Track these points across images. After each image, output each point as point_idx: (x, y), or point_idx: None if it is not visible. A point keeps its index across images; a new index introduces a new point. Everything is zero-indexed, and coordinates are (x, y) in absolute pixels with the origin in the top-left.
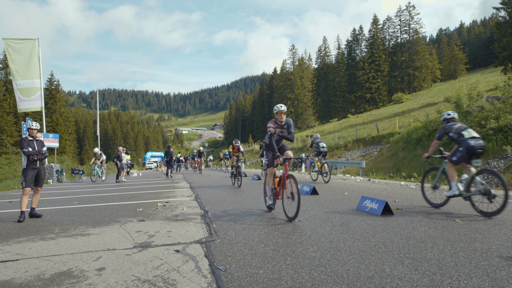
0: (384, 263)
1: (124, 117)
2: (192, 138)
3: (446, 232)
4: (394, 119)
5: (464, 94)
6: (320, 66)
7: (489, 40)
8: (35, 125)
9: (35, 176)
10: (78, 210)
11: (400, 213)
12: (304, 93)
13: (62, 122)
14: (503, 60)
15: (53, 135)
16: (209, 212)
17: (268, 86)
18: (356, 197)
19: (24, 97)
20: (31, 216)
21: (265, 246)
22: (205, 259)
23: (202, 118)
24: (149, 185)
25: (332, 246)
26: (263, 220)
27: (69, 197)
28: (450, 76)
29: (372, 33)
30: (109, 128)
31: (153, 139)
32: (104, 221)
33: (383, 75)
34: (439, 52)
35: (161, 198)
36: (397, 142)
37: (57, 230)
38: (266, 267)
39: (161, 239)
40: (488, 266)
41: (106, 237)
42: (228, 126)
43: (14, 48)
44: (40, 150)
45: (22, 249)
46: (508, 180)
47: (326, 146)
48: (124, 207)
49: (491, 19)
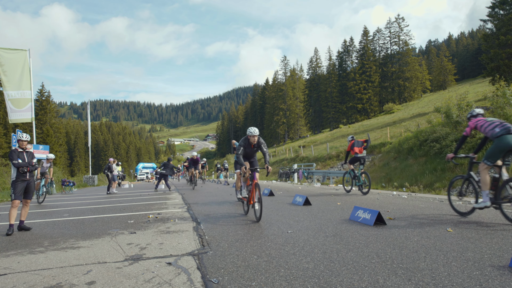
0: (377, 274)
1: (115, 128)
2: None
3: (438, 241)
4: (386, 129)
5: (454, 104)
6: (311, 77)
7: (477, 51)
8: (25, 137)
9: (25, 188)
10: (68, 222)
11: (393, 223)
12: (296, 103)
13: (53, 134)
14: (491, 71)
15: (44, 146)
16: (201, 223)
17: (260, 96)
18: (348, 207)
19: (15, 107)
20: (20, 229)
21: (258, 257)
22: (197, 271)
23: (195, 129)
24: (141, 196)
25: (326, 257)
26: (256, 231)
27: (59, 209)
28: (439, 87)
29: (362, 45)
30: (101, 139)
31: (145, 150)
32: (95, 234)
33: (374, 86)
34: (429, 63)
35: (152, 210)
36: (389, 152)
37: (46, 243)
38: (259, 279)
39: (153, 251)
40: (480, 275)
41: (97, 250)
42: (221, 137)
43: (5, 58)
44: (30, 162)
45: (10, 263)
46: None
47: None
48: (115, 219)
49: (478, 31)
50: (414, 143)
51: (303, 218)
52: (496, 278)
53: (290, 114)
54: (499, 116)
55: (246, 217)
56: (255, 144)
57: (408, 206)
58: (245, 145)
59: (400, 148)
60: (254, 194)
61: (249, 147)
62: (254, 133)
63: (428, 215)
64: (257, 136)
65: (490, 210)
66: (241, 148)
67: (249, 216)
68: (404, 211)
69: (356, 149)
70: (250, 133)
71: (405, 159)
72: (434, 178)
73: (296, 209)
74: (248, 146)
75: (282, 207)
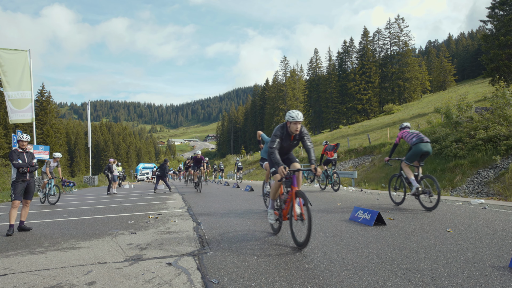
0: (377, 274)
1: (116, 128)
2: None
3: (438, 242)
4: (385, 129)
5: (454, 105)
6: (311, 77)
7: (476, 52)
8: (26, 137)
9: (25, 189)
10: (68, 223)
11: (393, 223)
12: (296, 104)
13: (53, 134)
14: (491, 72)
15: (44, 147)
16: (201, 224)
17: (260, 97)
18: (348, 207)
19: (15, 108)
20: (20, 229)
21: (258, 258)
22: (197, 271)
23: (195, 130)
24: (141, 197)
25: (325, 258)
26: (256, 231)
27: (59, 210)
28: (439, 87)
29: (362, 45)
30: (101, 139)
31: (145, 150)
32: (95, 234)
33: (374, 87)
34: (428, 63)
35: (153, 210)
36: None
37: (46, 244)
38: (259, 279)
39: (153, 251)
40: (480, 276)
41: (97, 250)
42: (221, 137)
43: (4, 59)
44: (30, 162)
45: (10, 263)
46: (499, 190)
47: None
48: (116, 220)
49: (478, 31)
50: None
51: None
52: (496, 278)
53: None
54: (499, 116)
55: (246, 217)
56: (297, 135)
57: (408, 206)
58: (283, 135)
59: (400, 149)
60: (294, 207)
61: (288, 139)
62: (297, 118)
63: (428, 215)
64: (300, 123)
65: (413, 200)
66: (277, 140)
67: (249, 216)
68: (404, 212)
69: (329, 153)
70: (291, 118)
71: None
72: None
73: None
74: (287, 137)
75: None
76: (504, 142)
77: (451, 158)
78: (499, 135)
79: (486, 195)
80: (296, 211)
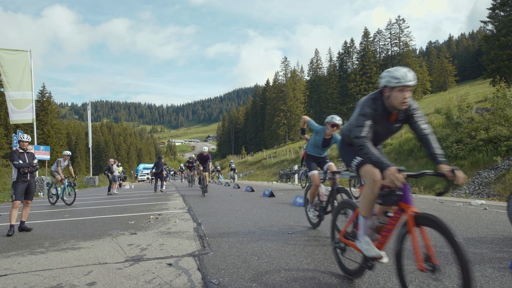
0: (378, 275)
1: (116, 129)
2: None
3: (438, 242)
4: None
5: (454, 105)
6: (312, 78)
7: (477, 52)
8: (26, 138)
9: (26, 189)
10: (69, 223)
11: None
12: (297, 104)
13: (54, 134)
14: (492, 72)
15: (44, 147)
16: (202, 224)
17: (261, 98)
18: None
19: (16, 108)
20: (21, 230)
21: (259, 258)
22: (198, 272)
23: (195, 130)
24: (142, 197)
25: (326, 258)
26: (257, 232)
27: (60, 210)
28: (440, 88)
29: (363, 46)
30: (101, 140)
31: (146, 151)
32: (96, 234)
33: (375, 87)
34: (429, 64)
35: (153, 211)
36: (389, 153)
37: (47, 244)
38: (259, 280)
39: (154, 252)
40: (481, 277)
41: (97, 251)
42: (221, 138)
43: (5, 59)
44: (31, 163)
45: (11, 263)
46: (499, 191)
47: None
48: (116, 220)
49: (478, 32)
50: (415, 144)
51: (303, 219)
52: (497, 279)
53: (290, 115)
54: (500, 117)
55: (247, 217)
56: (401, 113)
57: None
58: (377, 114)
59: (401, 149)
60: (416, 246)
61: (386, 118)
62: (407, 80)
63: None
64: (411, 89)
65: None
66: (367, 123)
67: (249, 217)
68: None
69: None
70: (395, 80)
71: (406, 160)
72: (434, 179)
73: (296, 210)
74: (384, 117)
75: (283, 208)
76: (504, 143)
77: (452, 159)
78: (500, 136)
79: (487, 196)
80: (421, 254)
